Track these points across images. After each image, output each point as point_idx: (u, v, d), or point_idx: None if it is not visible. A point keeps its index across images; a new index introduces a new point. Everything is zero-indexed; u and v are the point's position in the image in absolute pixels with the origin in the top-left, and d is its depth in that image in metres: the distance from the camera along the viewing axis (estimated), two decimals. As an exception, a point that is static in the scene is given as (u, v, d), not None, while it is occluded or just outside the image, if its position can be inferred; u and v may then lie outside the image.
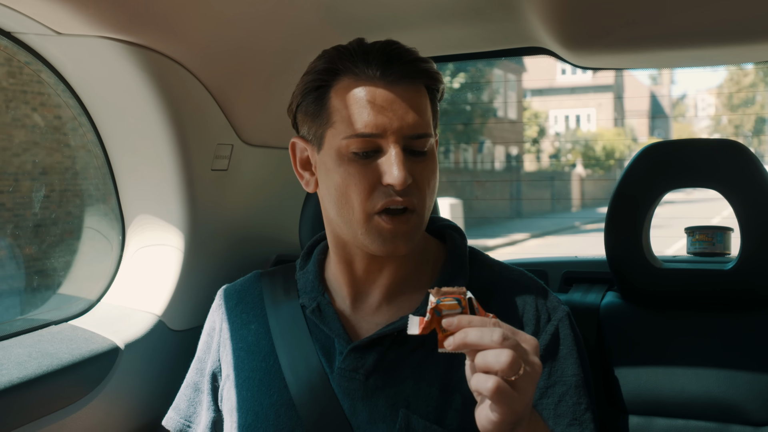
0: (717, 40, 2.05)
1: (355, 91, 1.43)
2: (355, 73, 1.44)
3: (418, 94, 1.45)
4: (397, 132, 1.41)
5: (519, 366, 1.15)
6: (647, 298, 1.91)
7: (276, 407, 1.53)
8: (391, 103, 1.41)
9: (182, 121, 1.97)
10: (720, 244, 2.23)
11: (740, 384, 1.75)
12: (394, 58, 1.43)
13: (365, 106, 1.42)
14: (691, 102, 70.38)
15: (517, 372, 1.15)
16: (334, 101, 1.46)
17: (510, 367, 1.14)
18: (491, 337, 1.16)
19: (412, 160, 1.44)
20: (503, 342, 1.15)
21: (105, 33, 1.78)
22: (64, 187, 3.12)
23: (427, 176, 1.46)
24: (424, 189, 1.45)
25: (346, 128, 1.43)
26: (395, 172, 1.39)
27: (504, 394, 1.15)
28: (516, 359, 1.15)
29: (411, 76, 1.44)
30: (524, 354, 1.18)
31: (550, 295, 1.58)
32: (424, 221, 1.49)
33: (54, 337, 1.86)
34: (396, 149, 1.40)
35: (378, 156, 1.43)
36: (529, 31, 2.06)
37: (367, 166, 1.43)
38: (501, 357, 1.14)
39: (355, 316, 1.56)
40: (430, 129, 1.46)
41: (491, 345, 1.16)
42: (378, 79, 1.43)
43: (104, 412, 1.85)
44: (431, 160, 1.47)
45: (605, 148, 39.66)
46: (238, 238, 2.24)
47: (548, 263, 2.30)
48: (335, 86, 1.46)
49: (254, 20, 1.91)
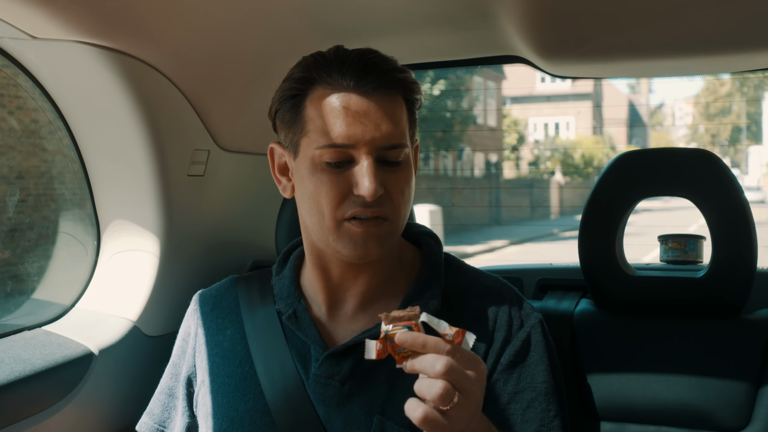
0: (693, 51, 2.06)
1: (329, 100, 1.43)
2: (330, 83, 1.43)
3: (393, 104, 1.44)
4: (369, 143, 1.40)
5: (452, 397, 1.17)
6: (620, 306, 1.92)
7: (251, 413, 1.52)
8: (364, 114, 1.41)
9: (158, 126, 1.97)
10: (692, 252, 2.24)
11: (711, 391, 1.76)
12: (369, 68, 1.42)
13: (338, 116, 1.41)
14: (668, 111, 70.97)
15: (450, 402, 1.17)
16: (309, 110, 1.45)
17: (441, 398, 1.16)
18: (433, 367, 1.17)
19: (385, 170, 1.43)
20: (444, 373, 1.16)
21: (81, 37, 1.78)
22: (39, 192, 3.10)
23: (400, 186, 1.45)
24: (397, 199, 1.45)
25: (319, 138, 1.43)
26: (366, 183, 1.39)
27: (433, 423, 1.17)
28: (449, 390, 1.16)
29: (386, 87, 1.43)
30: (465, 383, 1.18)
31: (523, 302, 1.58)
32: (398, 229, 1.49)
33: (27, 343, 1.85)
34: (368, 160, 1.40)
35: (351, 166, 1.42)
36: (505, 39, 2.07)
37: (339, 175, 1.42)
38: (434, 388, 1.16)
39: (331, 322, 1.56)
40: (404, 139, 1.46)
41: (431, 374, 1.17)
42: (352, 89, 1.42)
43: (78, 418, 1.84)
44: (406, 170, 1.47)
45: (584, 155, 39.89)
46: (214, 244, 2.24)
47: (523, 270, 2.31)
48: (310, 95, 1.46)
49: (232, 25, 1.91)
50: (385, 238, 1.46)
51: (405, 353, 1.21)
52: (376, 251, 1.45)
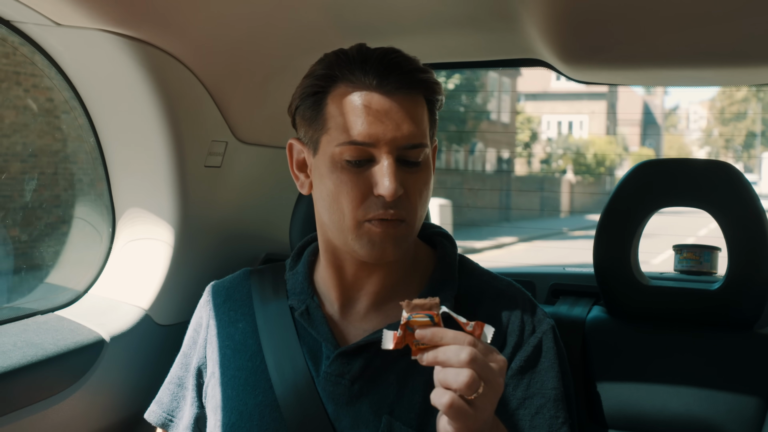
0: (712, 62, 2.06)
1: (351, 99, 1.42)
2: (352, 81, 1.43)
3: (415, 104, 1.44)
4: (390, 143, 1.40)
5: (478, 386, 1.17)
6: (633, 314, 1.92)
7: (260, 408, 1.52)
8: (386, 113, 1.40)
9: (177, 116, 1.97)
10: (707, 263, 2.23)
11: (721, 404, 1.76)
12: (391, 68, 1.42)
13: (360, 114, 1.41)
14: (683, 114, 70.58)
15: (476, 391, 1.17)
16: (330, 108, 1.45)
17: (468, 387, 1.16)
18: (458, 356, 1.17)
19: (405, 171, 1.43)
20: (469, 362, 1.17)
21: (104, 26, 1.78)
22: (55, 171, 3.11)
23: (419, 187, 1.45)
24: (416, 200, 1.45)
25: (339, 135, 1.42)
26: (386, 183, 1.38)
27: (459, 412, 1.17)
28: (475, 379, 1.16)
29: (408, 87, 1.42)
30: (489, 374, 1.19)
31: (536, 308, 1.58)
32: (415, 230, 1.48)
33: (39, 327, 1.86)
34: (389, 160, 1.40)
35: (371, 165, 1.42)
36: (527, 43, 2.07)
37: (359, 174, 1.42)
38: (460, 376, 1.16)
39: (343, 321, 1.56)
40: (425, 139, 1.45)
41: (456, 364, 1.17)
42: (374, 88, 1.41)
43: (87, 404, 1.85)
44: (425, 170, 1.47)
45: (596, 155, 39.77)
46: (228, 236, 2.24)
47: (536, 274, 2.30)
48: (332, 93, 1.45)
49: (254, 20, 1.91)
50: (402, 240, 1.45)
51: (422, 345, 1.21)
52: (393, 252, 1.45)
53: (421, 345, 1.21)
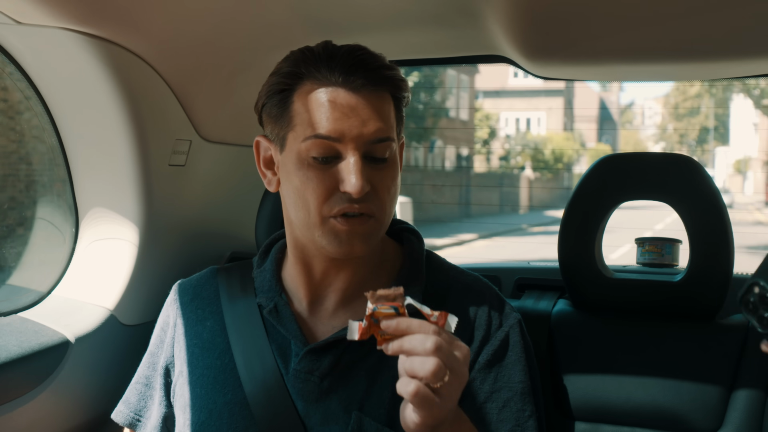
0: (669, 58, 2.08)
1: (317, 95, 1.43)
2: (318, 78, 1.44)
3: (381, 101, 1.45)
4: (356, 138, 1.41)
5: (443, 374, 1.19)
6: (598, 307, 1.94)
7: (230, 406, 1.52)
8: (352, 110, 1.41)
9: (141, 115, 1.96)
10: (669, 255, 2.27)
11: (685, 394, 1.78)
12: (357, 65, 1.43)
13: (326, 110, 1.41)
14: (638, 110, 71.46)
15: (441, 380, 1.19)
16: (296, 105, 1.45)
17: (434, 375, 1.18)
18: (423, 345, 1.20)
19: (372, 167, 1.44)
20: (434, 351, 1.19)
21: (65, 24, 1.76)
22: (11, 174, 3.05)
23: (386, 183, 1.46)
24: (384, 195, 1.45)
25: (305, 130, 1.43)
26: (353, 180, 1.39)
27: (425, 400, 1.20)
28: (441, 367, 1.19)
29: (374, 84, 1.43)
30: (454, 362, 1.21)
31: (503, 302, 1.59)
32: (384, 226, 1.49)
33: (2, 329, 1.83)
34: (355, 156, 1.40)
35: (337, 162, 1.42)
36: (490, 39, 2.07)
37: (325, 171, 1.42)
38: (426, 364, 1.19)
39: (311, 318, 1.56)
40: (392, 134, 1.46)
41: (422, 353, 1.20)
42: (340, 85, 1.42)
43: (53, 406, 1.83)
44: (392, 167, 1.47)
45: (554, 152, 40.11)
46: (193, 234, 2.23)
47: (501, 269, 2.32)
48: (298, 90, 1.46)
49: (218, 16, 1.90)
50: (371, 236, 1.46)
51: (387, 336, 1.23)
52: (361, 248, 1.45)
53: (386, 335, 1.23)
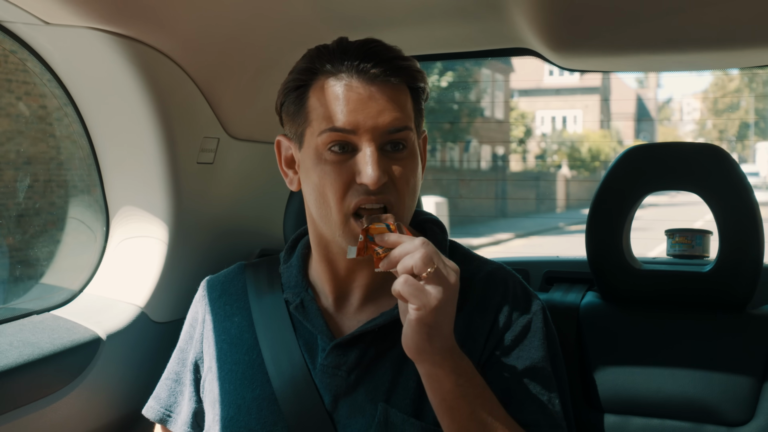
0: (703, 46, 2.06)
1: (332, 89, 1.43)
2: (332, 72, 1.44)
3: (397, 91, 1.44)
4: (372, 130, 1.40)
5: (428, 264, 1.27)
6: (626, 299, 1.92)
7: (258, 401, 1.53)
8: (366, 101, 1.41)
9: (169, 113, 1.97)
10: (699, 246, 2.23)
11: (715, 385, 1.76)
12: (370, 56, 1.43)
13: (340, 103, 1.41)
14: (676, 106, 70.53)
15: (426, 269, 1.27)
16: (311, 100, 1.46)
17: (422, 262, 1.27)
18: (412, 243, 1.30)
19: (389, 158, 1.43)
20: (421, 246, 1.29)
21: (93, 24, 1.78)
22: (48, 178, 3.10)
23: (405, 175, 1.45)
24: (402, 187, 1.45)
25: (320, 124, 1.43)
26: (369, 171, 1.39)
27: (414, 287, 1.27)
28: (425, 257, 1.27)
29: (387, 74, 1.43)
30: (439, 261, 1.30)
31: (526, 289, 1.59)
32: (404, 220, 1.48)
33: (36, 327, 1.85)
34: (371, 148, 1.40)
35: (354, 155, 1.42)
36: (515, 32, 2.06)
37: (342, 164, 1.42)
38: (414, 256, 1.28)
39: (338, 313, 1.57)
40: (409, 123, 1.45)
41: (411, 249, 1.29)
42: (354, 77, 1.42)
43: (85, 402, 1.85)
44: (411, 158, 1.46)
45: (591, 149, 39.69)
46: (222, 232, 2.24)
47: (529, 262, 2.31)
48: (313, 86, 1.46)
49: (244, 14, 1.91)
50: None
51: (383, 254, 1.33)
52: None
53: (381, 254, 1.33)
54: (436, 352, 1.31)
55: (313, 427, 1.47)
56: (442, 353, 1.32)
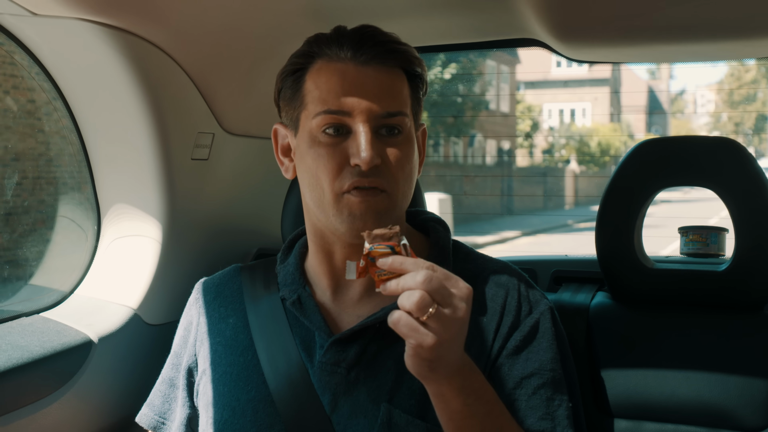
0: (716, 35, 2.03)
1: (327, 72, 1.46)
2: (329, 56, 1.47)
3: (392, 76, 1.47)
4: (366, 112, 1.42)
5: (428, 306, 1.18)
6: (638, 299, 1.89)
7: (254, 403, 1.51)
8: (361, 84, 1.43)
9: (162, 108, 1.95)
10: (714, 244, 2.20)
11: (732, 388, 1.73)
12: (365, 40, 1.46)
13: (334, 85, 1.44)
14: (690, 98, 70.52)
15: (426, 312, 1.18)
16: (308, 84, 1.48)
17: (418, 306, 1.18)
18: (414, 279, 1.20)
19: (384, 141, 1.45)
20: (422, 282, 1.19)
21: (82, 14, 1.76)
22: (37, 174, 3.07)
23: (400, 160, 1.45)
24: (397, 172, 1.45)
25: (315, 107, 1.45)
26: (362, 152, 1.39)
27: (409, 327, 1.19)
28: (425, 299, 1.18)
29: (383, 57, 1.45)
30: (445, 296, 1.20)
31: (533, 289, 1.57)
32: (397, 204, 1.47)
33: (25, 329, 1.83)
34: (365, 128, 1.41)
35: (348, 137, 1.44)
36: (521, 22, 2.03)
37: (336, 147, 1.43)
38: (412, 296, 1.19)
39: (336, 308, 1.55)
40: (404, 108, 1.47)
41: (413, 286, 1.19)
42: (349, 60, 1.45)
43: (76, 408, 1.82)
44: (406, 144, 1.47)
45: (600, 144, 39.73)
46: (218, 230, 2.22)
47: (537, 261, 2.28)
48: (310, 69, 1.49)
49: (238, 6, 1.88)
50: (383, 212, 1.44)
51: (384, 276, 1.25)
52: (374, 225, 1.41)
53: (383, 276, 1.25)
54: (441, 377, 1.27)
55: (312, 428, 1.45)
56: (449, 377, 1.28)
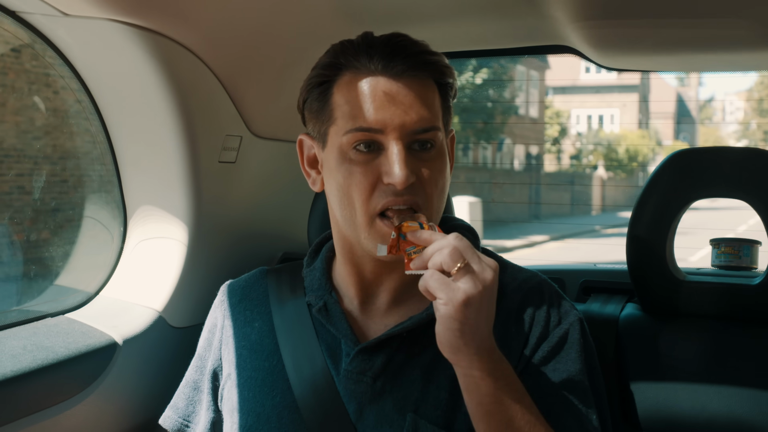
0: (748, 45, 2.00)
1: (357, 85, 1.40)
2: (357, 68, 1.41)
3: (424, 88, 1.41)
4: (399, 128, 1.37)
5: (456, 261, 1.22)
6: (669, 311, 1.86)
7: (279, 409, 1.50)
8: (393, 98, 1.37)
9: (190, 110, 1.93)
10: (747, 257, 2.15)
11: (764, 405, 1.70)
12: (397, 51, 1.39)
13: (366, 100, 1.38)
14: (718, 105, 69.87)
15: (455, 265, 1.22)
16: (336, 97, 1.42)
17: (447, 259, 1.22)
18: (444, 239, 1.25)
19: (417, 158, 1.39)
20: (452, 241, 1.24)
21: (113, 15, 1.75)
22: (65, 176, 3.09)
23: (434, 176, 1.41)
24: (431, 189, 1.41)
25: (346, 123, 1.40)
26: (396, 170, 1.35)
27: (440, 281, 1.22)
28: (454, 254, 1.22)
29: (415, 70, 1.39)
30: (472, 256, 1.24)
31: (562, 299, 1.54)
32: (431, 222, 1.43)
33: (50, 330, 1.82)
34: (398, 146, 1.36)
35: (380, 154, 1.39)
36: (554, 29, 2.01)
37: (368, 164, 1.38)
38: (442, 252, 1.23)
39: (363, 317, 1.53)
40: (437, 122, 1.42)
41: (443, 245, 1.25)
42: (380, 73, 1.39)
43: (100, 410, 1.81)
44: (439, 158, 1.43)
45: (628, 150, 39.44)
46: (244, 234, 2.20)
47: (565, 271, 2.25)
48: (338, 82, 1.43)
49: (267, 8, 1.87)
50: None
51: (414, 253, 1.30)
52: None
53: (413, 254, 1.29)
54: (472, 351, 1.25)
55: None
56: (479, 353, 1.26)
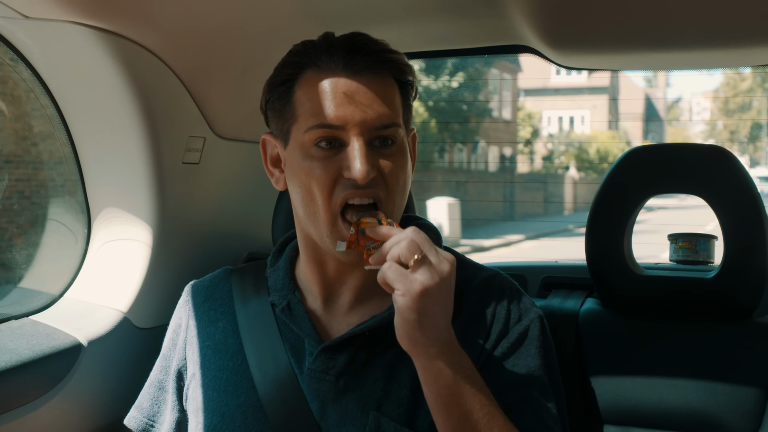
0: (711, 43, 2.02)
1: (318, 83, 1.41)
2: (319, 66, 1.42)
3: (384, 86, 1.42)
4: (360, 124, 1.38)
5: (413, 252, 1.24)
6: (627, 305, 1.88)
7: (243, 408, 1.50)
8: (353, 95, 1.39)
9: (153, 111, 1.93)
10: (703, 252, 2.19)
11: (720, 395, 1.72)
12: (357, 50, 1.41)
13: (327, 97, 1.39)
14: (686, 105, 70.49)
15: (412, 257, 1.23)
16: (298, 95, 1.44)
17: (404, 251, 1.24)
18: (401, 233, 1.27)
19: (379, 153, 1.41)
20: (409, 235, 1.26)
21: (74, 17, 1.74)
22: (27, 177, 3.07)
23: (395, 171, 1.42)
24: (392, 183, 1.42)
25: (307, 121, 1.41)
26: (357, 165, 1.36)
27: (397, 272, 1.24)
28: (411, 246, 1.24)
29: (375, 67, 1.41)
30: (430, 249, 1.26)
31: (522, 296, 1.56)
32: (394, 219, 1.45)
33: (14, 332, 1.81)
34: (359, 142, 1.38)
35: (341, 150, 1.40)
36: (513, 28, 2.03)
37: (329, 160, 1.40)
38: (400, 245, 1.25)
39: (326, 315, 1.54)
40: (397, 119, 1.44)
41: (401, 238, 1.27)
42: (341, 71, 1.40)
43: (65, 411, 1.81)
44: (400, 154, 1.44)
45: (599, 150, 39.66)
46: (209, 235, 2.20)
47: (527, 268, 2.27)
48: (300, 80, 1.44)
49: (230, 10, 1.87)
50: None
51: (373, 249, 1.31)
52: None
53: (372, 249, 1.31)
54: (430, 343, 1.27)
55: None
56: (437, 345, 1.28)
